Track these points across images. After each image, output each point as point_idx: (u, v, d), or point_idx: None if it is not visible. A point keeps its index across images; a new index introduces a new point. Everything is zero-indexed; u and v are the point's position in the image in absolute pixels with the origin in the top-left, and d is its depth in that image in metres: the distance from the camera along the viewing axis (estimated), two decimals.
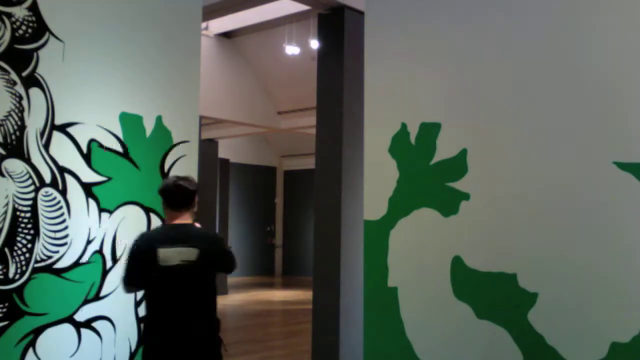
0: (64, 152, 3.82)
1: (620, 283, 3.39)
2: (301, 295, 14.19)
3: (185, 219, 3.47)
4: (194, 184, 3.56)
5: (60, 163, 3.80)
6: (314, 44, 8.94)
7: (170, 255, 3.35)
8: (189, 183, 3.52)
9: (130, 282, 3.41)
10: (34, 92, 3.71)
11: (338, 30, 6.99)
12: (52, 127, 3.78)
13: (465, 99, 4.06)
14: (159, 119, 4.31)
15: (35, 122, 3.70)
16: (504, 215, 3.84)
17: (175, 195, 3.46)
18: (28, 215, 3.65)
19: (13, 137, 3.61)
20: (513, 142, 3.84)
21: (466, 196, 3.99)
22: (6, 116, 3.60)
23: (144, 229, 4.19)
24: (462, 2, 4.13)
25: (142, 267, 3.37)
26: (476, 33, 4.04)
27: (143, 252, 3.36)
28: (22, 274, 3.61)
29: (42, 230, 3.70)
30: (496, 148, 3.91)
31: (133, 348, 4.11)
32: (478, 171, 3.96)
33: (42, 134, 3.73)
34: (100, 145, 3.97)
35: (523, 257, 3.75)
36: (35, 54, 3.73)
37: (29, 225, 3.66)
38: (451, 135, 4.08)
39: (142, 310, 4.16)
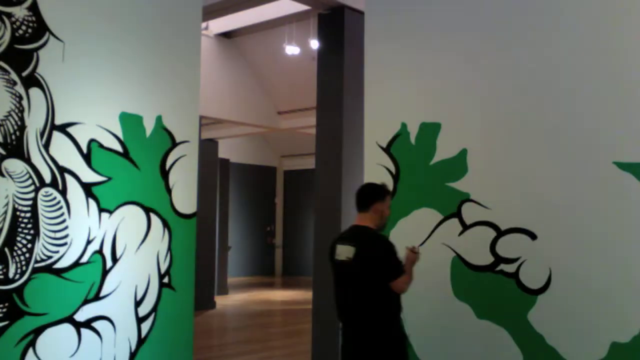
0: (64, 152, 3.82)
1: (620, 283, 3.39)
2: (301, 295, 14.18)
3: (362, 220, 3.66)
4: (372, 190, 3.71)
5: (60, 163, 3.80)
6: (314, 44, 8.93)
7: (339, 250, 3.64)
8: (369, 188, 3.75)
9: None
10: (34, 92, 3.71)
11: (338, 30, 6.98)
12: (52, 127, 3.78)
13: (465, 99, 4.06)
14: (159, 119, 4.31)
15: (35, 122, 3.70)
16: (504, 215, 3.84)
17: (356, 196, 3.72)
18: (28, 215, 3.65)
19: (13, 137, 3.62)
20: (513, 142, 3.84)
21: (466, 196, 3.99)
22: (6, 116, 3.60)
23: (144, 229, 4.19)
24: (462, 2, 4.13)
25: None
26: (476, 33, 4.04)
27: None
28: (22, 274, 3.62)
29: (42, 230, 3.70)
30: (496, 148, 3.91)
31: (133, 348, 4.11)
32: (478, 171, 3.96)
33: (42, 134, 3.73)
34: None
35: (523, 256, 3.75)
36: (35, 54, 3.73)
37: (29, 225, 3.66)
38: (451, 135, 4.08)
39: (142, 310, 4.16)
